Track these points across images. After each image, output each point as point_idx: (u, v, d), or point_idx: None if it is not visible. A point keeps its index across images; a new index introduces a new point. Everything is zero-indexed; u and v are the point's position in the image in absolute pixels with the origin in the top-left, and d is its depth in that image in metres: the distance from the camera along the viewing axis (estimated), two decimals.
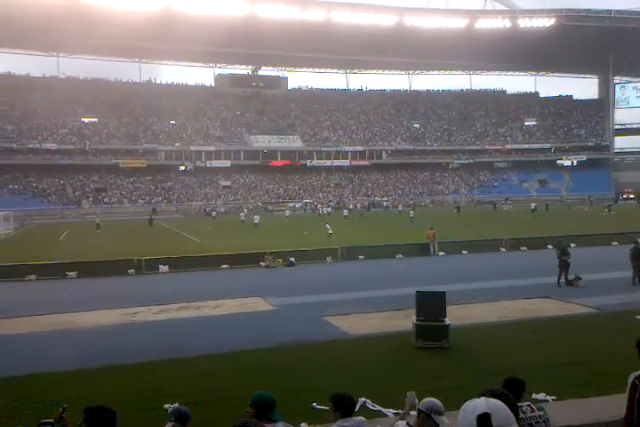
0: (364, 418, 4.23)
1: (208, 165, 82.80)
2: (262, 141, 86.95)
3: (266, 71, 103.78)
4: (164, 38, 79.27)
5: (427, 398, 4.02)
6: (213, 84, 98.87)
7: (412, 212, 50.54)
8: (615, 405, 7.61)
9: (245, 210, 61.58)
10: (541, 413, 4.31)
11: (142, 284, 21.21)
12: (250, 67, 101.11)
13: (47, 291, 19.91)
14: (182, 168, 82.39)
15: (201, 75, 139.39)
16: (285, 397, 8.55)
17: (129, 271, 22.88)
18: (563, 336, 11.80)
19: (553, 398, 8.09)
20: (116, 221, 57.07)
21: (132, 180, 79.19)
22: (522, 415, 4.25)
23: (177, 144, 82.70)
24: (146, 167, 79.30)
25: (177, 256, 24.45)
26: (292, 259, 24.57)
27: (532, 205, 58.95)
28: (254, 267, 24.03)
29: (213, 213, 60.63)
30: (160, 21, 72.68)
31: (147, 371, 10.17)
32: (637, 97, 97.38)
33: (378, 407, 8.04)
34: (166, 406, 8.24)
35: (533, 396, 7.83)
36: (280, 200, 79.58)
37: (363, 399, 8.22)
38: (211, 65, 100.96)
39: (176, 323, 14.22)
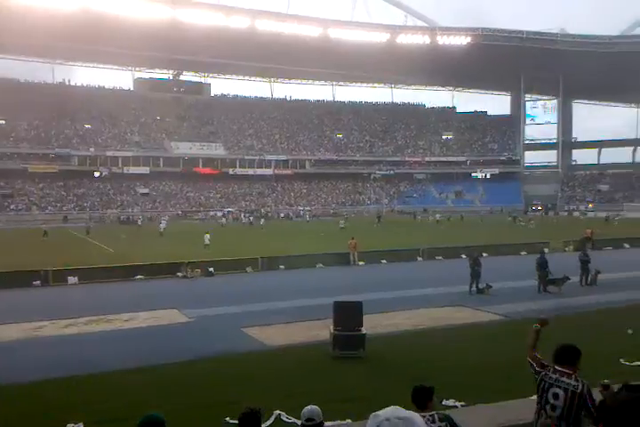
0: None
1: (125, 172, 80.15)
2: (183, 148, 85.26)
3: (188, 77, 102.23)
4: (81, 39, 76.24)
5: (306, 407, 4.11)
6: (132, 88, 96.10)
7: (342, 222, 51.00)
8: (521, 409, 7.92)
9: (163, 220, 59.82)
10: (443, 424, 4.35)
11: (48, 296, 19.97)
12: (171, 71, 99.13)
13: None
14: (97, 174, 79.30)
15: (119, 78, 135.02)
16: (199, 411, 8.35)
17: (34, 283, 21.51)
18: (473, 343, 12.20)
19: (462, 403, 8.31)
20: (22, 229, 53.77)
21: (41, 186, 75.19)
22: None
23: (92, 149, 79.47)
24: (57, 173, 75.56)
25: (87, 267, 23.30)
26: (211, 269, 24.06)
27: (437, 216, 61.94)
28: (171, 277, 23.33)
29: (139, 222, 58.43)
30: (77, 22, 69.83)
31: (50, 389, 9.56)
32: (546, 114, 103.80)
33: (292, 419, 7.95)
34: (69, 425, 7.79)
35: (443, 402, 8.01)
36: (201, 209, 78.15)
37: (277, 412, 8.11)
38: (130, 68, 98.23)
39: (84, 337, 13.49)
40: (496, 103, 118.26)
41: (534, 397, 8.07)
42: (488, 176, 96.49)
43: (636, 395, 1.38)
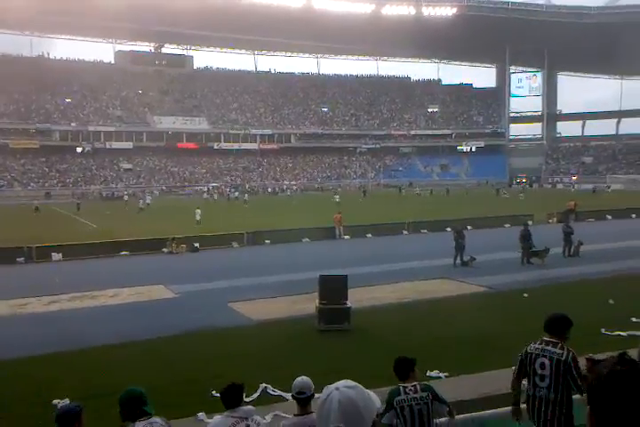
0: (252, 407, 4.17)
1: (107, 147, 79.06)
2: (166, 122, 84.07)
3: (170, 49, 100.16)
4: (59, 10, 74.04)
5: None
6: (113, 62, 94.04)
7: (336, 196, 50.62)
8: (502, 379, 8.06)
9: (148, 196, 59.37)
10: (425, 394, 4.40)
11: (32, 273, 19.84)
12: (152, 44, 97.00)
13: None
14: (79, 149, 78.11)
15: (100, 51, 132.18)
16: (185, 386, 8.41)
17: (17, 260, 21.33)
18: (457, 315, 12.35)
19: (445, 374, 8.44)
20: (4, 205, 53.08)
21: (22, 162, 73.96)
22: (402, 396, 4.33)
23: (73, 124, 78.10)
24: (39, 148, 74.27)
25: (71, 243, 23.12)
26: (197, 244, 23.99)
27: (417, 190, 62.81)
28: (156, 253, 23.24)
29: (125, 198, 57.44)
30: None
31: (35, 365, 9.57)
32: (531, 87, 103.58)
33: (278, 392, 8.05)
34: (55, 401, 7.80)
35: (427, 373, 8.13)
36: (185, 184, 77.58)
37: (263, 385, 8.20)
38: (110, 41, 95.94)
39: (69, 314, 13.46)
40: (481, 76, 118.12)
41: None
42: (473, 149, 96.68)
43: (626, 367, 1.34)
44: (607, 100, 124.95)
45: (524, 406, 4.79)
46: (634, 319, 10.89)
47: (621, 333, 10.01)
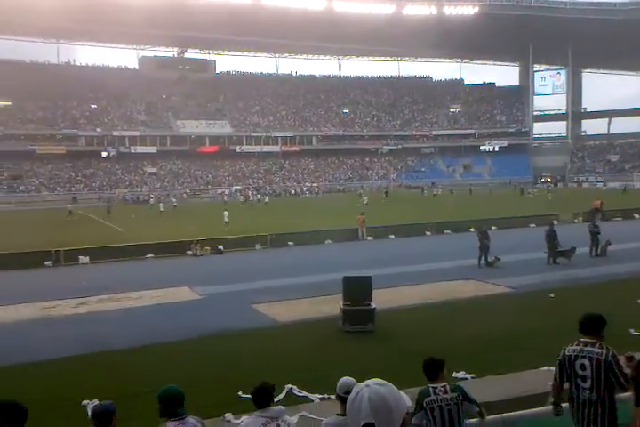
0: (282, 407, 4.19)
1: (132, 151, 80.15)
2: (190, 126, 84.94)
3: (192, 54, 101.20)
4: (84, 18, 75.24)
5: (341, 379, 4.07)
6: (137, 67, 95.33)
7: (365, 198, 50.02)
8: (528, 380, 7.98)
9: (173, 198, 60.03)
10: (455, 394, 4.37)
11: (60, 276, 20.20)
12: (175, 49, 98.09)
13: None
14: (105, 154, 79.27)
15: (124, 57, 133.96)
16: (211, 387, 8.46)
17: (46, 263, 21.74)
18: (483, 316, 12.24)
19: (472, 375, 8.37)
20: (32, 210, 54.17)
21: (50, 167, 75.42)
22: (432, 397, 4.31)
23: (98, 129, 79.36)
24: (65, 153, 75.74)
25: (98, 246, 23.48)
26: (220, 247, 24.17)
27: (434, 190, 62.67)
28: (181, 256, 23.47)
29: (151, 201, 58.04)
30: (79, 0, 68.91)
31: (65, 367, 9.74)
32: (555, 85, 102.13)
33: (304, 393, 8.07)
34: (85, 402, 7.91)
35: (454, 374, 8.07)
36: (209, 187, 78.23)
37: (289, 386, 8.22)
38: (134, 47, 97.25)
39: (97, 316, 13.66)
40: (504, 74, 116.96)
41: (545, 368, 8.16)
42: (496, 149, 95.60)
43: None
44: (633, 97, 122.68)
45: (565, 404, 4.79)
46: None
47: None
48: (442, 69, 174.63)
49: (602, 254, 19.78)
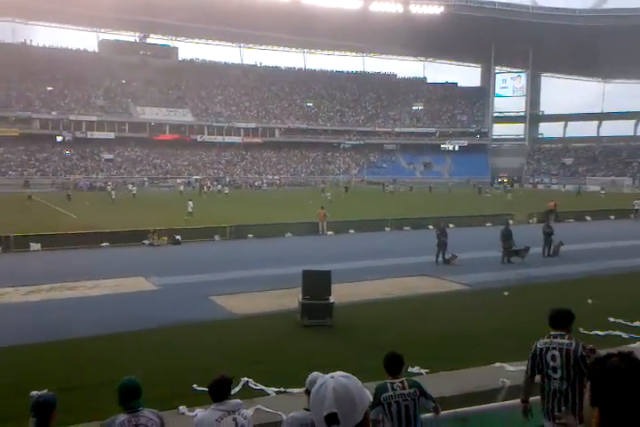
0: (239, 401, 4.16)
1: (89, 137, 78.04)
2: (150, 113, 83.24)
3: (155, 40, 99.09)
4: None
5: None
6: (97, 50, 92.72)
7: (328, 194, 49.38)
8: (481, 376, 8.15)
9: (133, 186, 58.75)
10: (412, 390, 4.41)
11: (10, 263, 19.51)
12: (138, 34, 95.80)
13: None
14: (60, 139, 76.94)
15: (83, 39, 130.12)
16: (165, 378, 8.32)
17: None
18: (438, 312, 12.44)
19: (426, 371, 8.48)
20: None
21: (1, 149, 72.67)
22: (390, 393, 4.34)
23: (54, 112, 76.90)
24: (18, 136, 73.03)
25: (50, 233, 22.79)
26: (178, 237, 23.81)
27: (390, 187, 63.21)
28: (137, 245, 23.02)
29: (109, 188, 56.09)
30: None
31: (14, 356, 9.41)
32: (515, 87, 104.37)
33: (260, 387, 8.02)
34: (33, 393, 7.66)
35: (409, 369, 8.15)
36: (168, 176, 76.95)
37: (245, 379, 8.16)
38: (94, 29, 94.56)
39: (48, 304, 13.26)
40: (467, 75, 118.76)
41: (497, 364, 8.36)
42: (457, 148, 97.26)
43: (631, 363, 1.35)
44: (589, 102, 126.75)
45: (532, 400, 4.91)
46: (611, 319, 11.05)
47: (599, 332, 10.15)
48: (406, 67, 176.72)
49: (554, 254, 20.34)
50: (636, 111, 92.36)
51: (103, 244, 22.75)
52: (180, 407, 7.20)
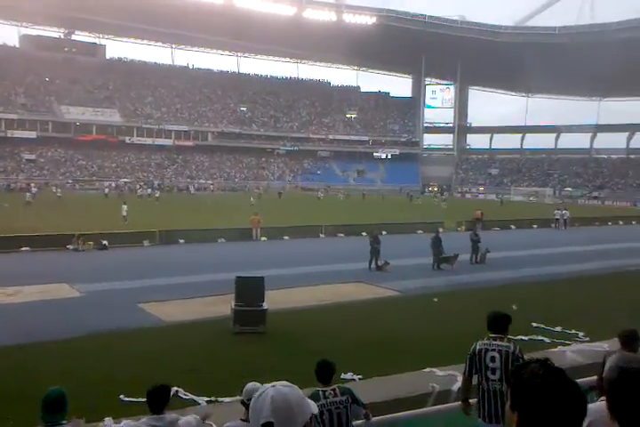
0: (177, 415, 3.99)
1: (9, 135, 74.17)
2: (75, 113, 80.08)
3: (81, 37, 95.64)
4: None
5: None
6: (17, 45, 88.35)
7: (252, 198, 50.09)
8: (413, 381, 8.26)
9: (57, 189, 56.03)
10: (344, 398, 4.39)
11: None
12: (62, 30, 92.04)
13: None
14: None
15: (3, 34, 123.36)
16: (91, 389, 7.91)
17: None
18: (370, 318, 12.56)
19: (359, 376, 8.52)
20: None
21: None
22: (322, 401, 4.30)
23: None
24: None
25: None
26: (105, 242, 22.92)
27: (319, 194, 63.76)
28: (60, 250, 21.97)
29: (33, 190, 52.02)
30: None
31: None
32: (444, 99, 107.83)
33: (190, 396, 7.81)
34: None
35: (342, 376, 8.17)
36: (94, 178, 74.16)
37: (175, 389, 7.90)
38: (15, 23, 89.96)
39: None
40: (399, 85, 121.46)
41: (427, 369, 8.51)
42: (389, 156, 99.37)
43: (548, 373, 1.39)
44: (513, 115, 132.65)
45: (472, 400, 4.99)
46: (534, 324, 11.52)
47: (523, 337, 10.54)
48: (340, 75, 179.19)
49: (481, 262, 21.07)
50: (556, 125, 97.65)
51: (23, 248, 21.56)
52: (106, 419, 6.87)
